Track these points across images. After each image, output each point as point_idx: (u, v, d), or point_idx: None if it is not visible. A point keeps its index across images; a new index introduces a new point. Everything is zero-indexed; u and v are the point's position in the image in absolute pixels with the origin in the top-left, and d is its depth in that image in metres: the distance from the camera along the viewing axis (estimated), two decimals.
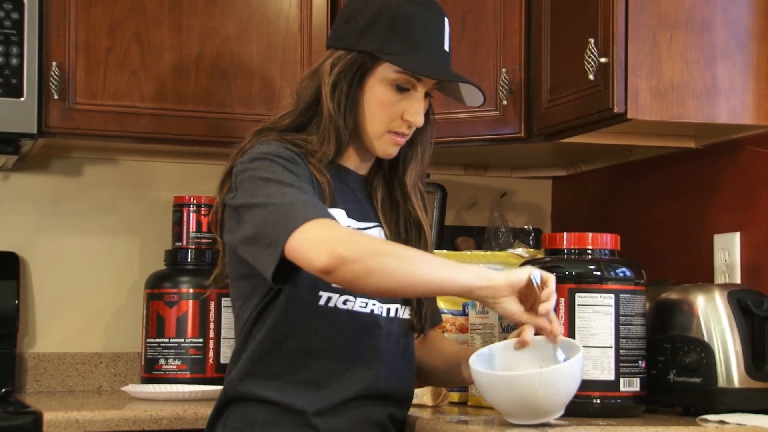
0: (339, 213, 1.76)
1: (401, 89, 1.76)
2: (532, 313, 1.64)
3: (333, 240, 1.58)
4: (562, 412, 1.67)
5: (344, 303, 1.74)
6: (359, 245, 1.59)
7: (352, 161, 1.83)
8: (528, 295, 1.64)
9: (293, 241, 1.59)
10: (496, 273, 1.63)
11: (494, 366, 1.70)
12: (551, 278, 1.64)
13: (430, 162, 1.88)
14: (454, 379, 1.93)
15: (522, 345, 1.69)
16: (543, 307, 1.63)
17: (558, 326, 1.66)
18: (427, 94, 1.79)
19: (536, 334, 1.69)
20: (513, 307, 1.63)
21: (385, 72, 1.75)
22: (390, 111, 1.77)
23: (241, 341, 1.77)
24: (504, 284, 1.61)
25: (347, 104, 1.76)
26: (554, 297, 1.64)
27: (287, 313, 1.73)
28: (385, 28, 1.74)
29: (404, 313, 1.82)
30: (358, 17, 1.76)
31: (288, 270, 1.63)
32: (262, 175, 1.67)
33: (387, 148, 1.79)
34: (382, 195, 1.85)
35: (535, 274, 1.63)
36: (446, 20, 1.79)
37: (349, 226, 1.77)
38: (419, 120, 1.78)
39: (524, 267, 1.66)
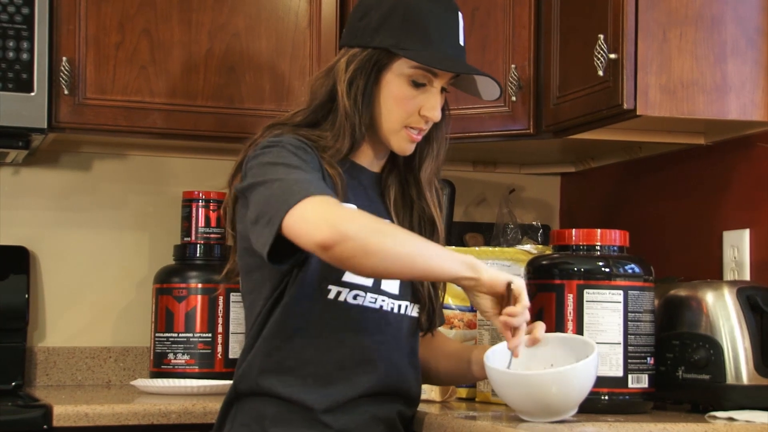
0: (351, 208, 1.76)
1: (417, 85, 1.76)
2: (499, 316, 1.67)
3: (334, 216, 1.57)
4: (575, 411, 1.68)
5: (354, 298, 1.74)
6: (360, 223, 1.59)
7: (366, 158, 1.83)
8: (504, 300, 1.66)
9: (292, 215, 1.57)
10: (485, 268, 1.65)
11: (507, 363, 1.70)
12: (522, 295, 1.65)
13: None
14: (457, 378, 1.94)
15: (533, 342, 1.70)
16: (502, 318, 1.66)
17: (518, 341, 1.67)
18: (442, 89, 1.79)
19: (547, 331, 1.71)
20: (485, 304, 1.67)
21: (401, 68, 1.76)
22: (407, 106, 1.77)
23: (253, 335, 1.77)
24: (487, 282, 1.64)
25: (363, 101, 1.76)
26: (524, 315, 1.66)
27: (297, 306, 1.73)
28: (400, 24, 1.74)
29: (413, 311, 1.82)
30: (372, 14, 1.76)
31: (288, 252, 1.62)
32: (270, 160, 1.68)
33: (403, 144, 1.80)
34: (395, 193, 1.85)
35: (516, 284, 1.65)
36: (460, 14, 1.80)
37: None
38: (436, 115, 1.78)
39: (515, 276, 1.67)
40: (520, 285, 1.65)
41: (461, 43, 1.79)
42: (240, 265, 1.81)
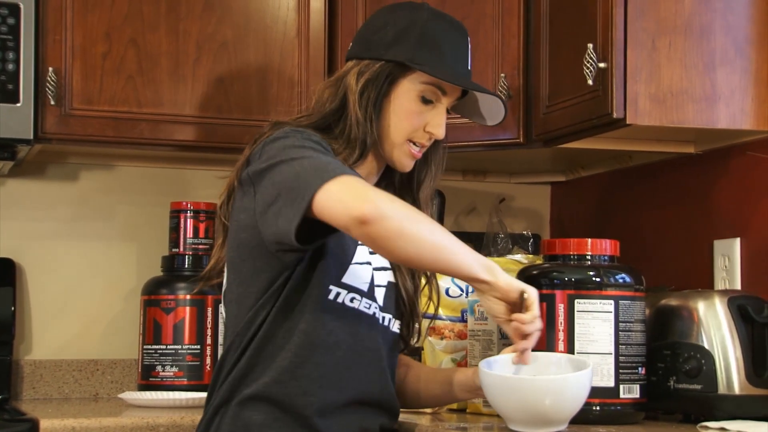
0: None
1: (426, 101, 1.80)
2: (509, 322, 1.67)
3: (374, 194, 1.58)
4: (565, 425, 1.67)
5: (351, 300, 1.74)
6: (397, 205, 1.60)
7: (365, 170, 1.83)
8: (516, 307, 1.67)
9: (327, 190, 1.56)
10: (502, 273, 1.66)
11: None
12: (534, 305, 1.66)
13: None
14: (428, 400, 1.94)
15: (519, 359, 1.70)
16: (513, 324, 1.67)
17: (526, 345, 1.67)
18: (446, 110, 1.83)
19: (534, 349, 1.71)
20: (497, 308, 1.67)
21: (412, 82, 1.79)
22: (413, 121, 1.79)
23: (240, 330, 1.73)
24: (502, 287, 1.65)
25: (374, 112, 1.78)
26: (534, 324, 1.66)
27: (296, 304, 1.71)
28: (416, 40, 1.77)
29: (394, 326, 1.83)
30: (388, 29, 1.79)
31: (307, 235, 1.60)
32: (296, 143, 1.67)
33: (404, 159, 1.82)
34: None
35: (529, 293, 1.66)
36: (468, 40, 1.84)
37: None
38: (441, 132, 1.81)
39: (529, 286, 1.67)
40: (533, 295, 1.66)
41: (469, 68, 1.84)
42: (229, 257, 1.78)
